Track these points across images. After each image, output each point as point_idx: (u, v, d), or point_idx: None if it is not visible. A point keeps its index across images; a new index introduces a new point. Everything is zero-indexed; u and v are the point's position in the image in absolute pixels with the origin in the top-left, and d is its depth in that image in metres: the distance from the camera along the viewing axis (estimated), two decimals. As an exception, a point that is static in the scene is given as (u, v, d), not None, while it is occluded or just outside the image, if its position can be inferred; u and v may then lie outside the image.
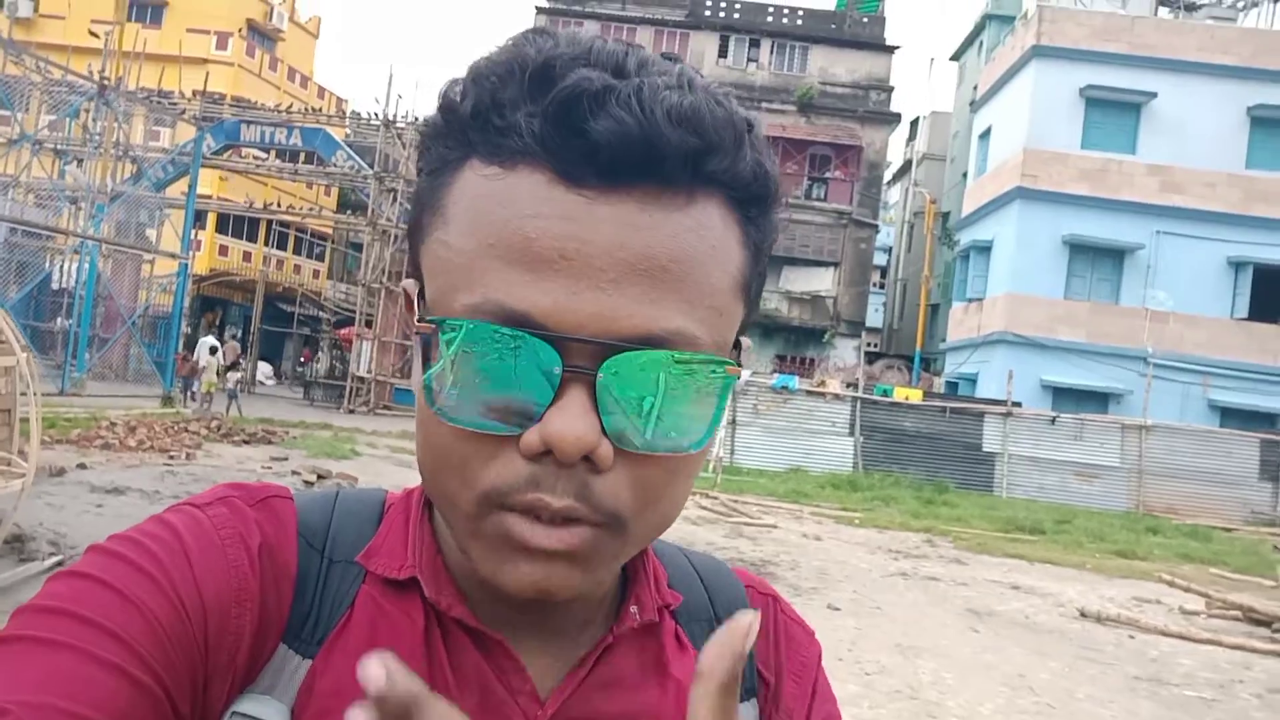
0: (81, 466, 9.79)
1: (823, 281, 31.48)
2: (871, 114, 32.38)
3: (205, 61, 33.05)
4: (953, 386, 27.02)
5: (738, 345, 0.58)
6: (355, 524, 0.63)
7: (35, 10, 33.91)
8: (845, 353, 30.87)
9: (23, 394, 6.34)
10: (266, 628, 0.56)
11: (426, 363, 0.53)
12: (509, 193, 0.51)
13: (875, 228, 33.03)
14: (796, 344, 31.65)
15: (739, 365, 0.56)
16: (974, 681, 6.31)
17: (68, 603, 0.50)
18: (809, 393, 19.34)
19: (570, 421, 0.49)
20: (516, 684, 0.59)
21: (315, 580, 0.59)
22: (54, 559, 6.15)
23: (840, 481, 17.65)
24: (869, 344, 39.38)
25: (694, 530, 11.35)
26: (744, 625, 0.40)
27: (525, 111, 0.50)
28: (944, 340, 29.95)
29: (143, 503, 8.62)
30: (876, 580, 9.57)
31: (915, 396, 19.81)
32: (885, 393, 19.55)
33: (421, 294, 0.56)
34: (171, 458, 11.51)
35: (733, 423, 18.80)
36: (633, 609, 0.64)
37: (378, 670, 0.34)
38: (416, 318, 0.55)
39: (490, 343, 0.50)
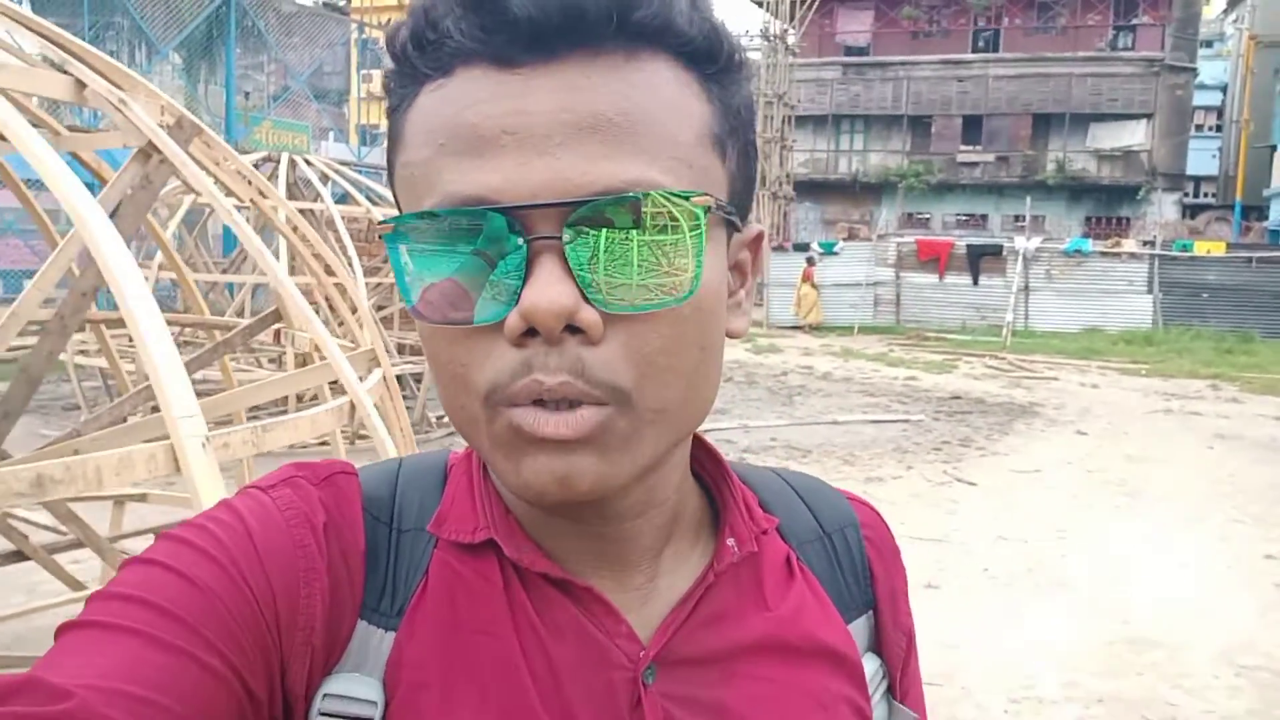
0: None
1: (1134, 135, 30.22)
2: (1185, -56, 30.13)
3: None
4: (1275, 235, 25.55)
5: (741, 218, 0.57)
6: (420, 491, 0.62)
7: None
8: (1165, 208, 29.69)
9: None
10: (340, 606, 0.56)
11: (401, 275, 0.52)
12: (451, 93, 0.50)
13: (1194, 71, 30.96)
14: (1108, 204, 30.70)
15: (708, 196, 0.51)
16: (1182, 478, 7.77)
17: (136, 588, 0.50)
18: (1104, 254, 19.67)
19: (542, 289, 0.48)
20: (612, 627, 0.57)
21: (386, 552, 0.59)
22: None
23: (1135, 338, 17.98)
24: (1206, 193, 36.76)
25: (973, 384, 12.97)
26: None
27: (453, 16, 0.50)
28: (1267, 187, 28.03)
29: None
30: (1137, 415, 10.75)
31: (1218, 249, 19.52)
32: (1185, 248, 19.48)
33: None
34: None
35: (1025, 289, 19.69)
36: (729, 541, 0.62)
37: None
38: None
39: (450, 231, 0.50)
